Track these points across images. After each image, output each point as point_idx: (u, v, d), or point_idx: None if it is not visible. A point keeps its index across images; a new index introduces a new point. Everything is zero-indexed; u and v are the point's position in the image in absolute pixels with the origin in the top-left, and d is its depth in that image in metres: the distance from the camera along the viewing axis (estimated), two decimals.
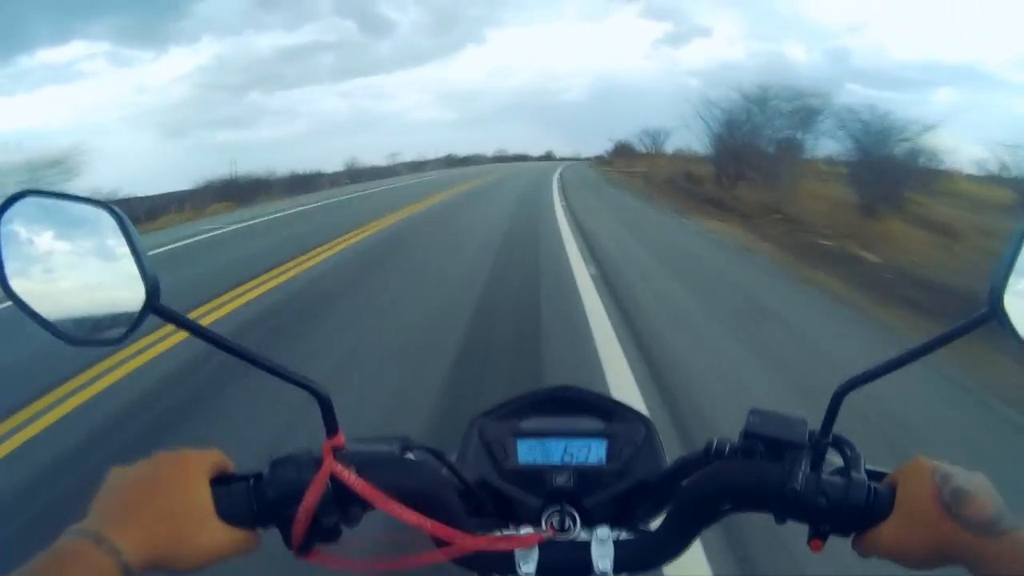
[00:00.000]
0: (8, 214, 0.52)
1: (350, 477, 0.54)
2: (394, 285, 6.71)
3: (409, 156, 51.66)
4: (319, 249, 8.98)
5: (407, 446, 0.61)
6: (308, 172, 31.01)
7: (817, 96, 17.19)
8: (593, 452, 0.64)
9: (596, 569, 0.58)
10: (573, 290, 5.93)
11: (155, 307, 0.51)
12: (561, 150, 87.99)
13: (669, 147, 54.54)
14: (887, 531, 0.51)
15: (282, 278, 7.11)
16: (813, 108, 17.18)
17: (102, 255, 0.54)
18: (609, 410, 0.67)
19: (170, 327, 0.53)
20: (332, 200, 19.31)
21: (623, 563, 0.59)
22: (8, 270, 0.51)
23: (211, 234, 12.18)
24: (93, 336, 0.54)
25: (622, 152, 65.93)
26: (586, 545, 0.59)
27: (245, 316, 5.62)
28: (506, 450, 0.65)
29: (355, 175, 34.37)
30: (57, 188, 0.54)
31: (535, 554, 0.58)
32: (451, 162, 62.21)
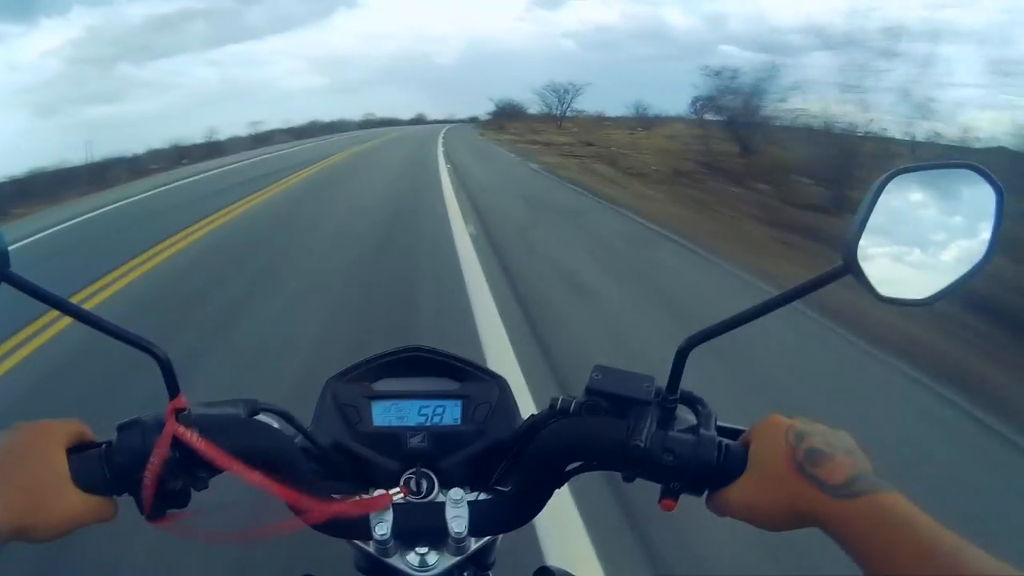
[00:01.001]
0: None
1: (193, 438, 0.53)
2: None
3: (273, 124, 43.66)
4: None
5: (256, 409, 0.58)
6: (115, 157, 22.61)
7: None
8: (448, 413, 0.63)
9: (451, 531, 0.57)
10: None
11: (5, 274, 0.50)
12: (434, 113, 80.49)
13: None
14: (739, 490, 0.50)
15: None
16: None
17: None
18: (463, 370, 0.66)
19: None
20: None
21: (478, 524, 0.58)
22: None
23: None
24: None
25: (511, 114, 54.87)
26: (441, 506, 0.58)
27: None
28: (360, 413, 0.63)
29: (183, 153, 25.47)
30: None
31: (390, 516, 0.57)
32: (298, 132, 47.61)
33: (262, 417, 0.58)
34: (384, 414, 0.63)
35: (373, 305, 4.45)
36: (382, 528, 0.57)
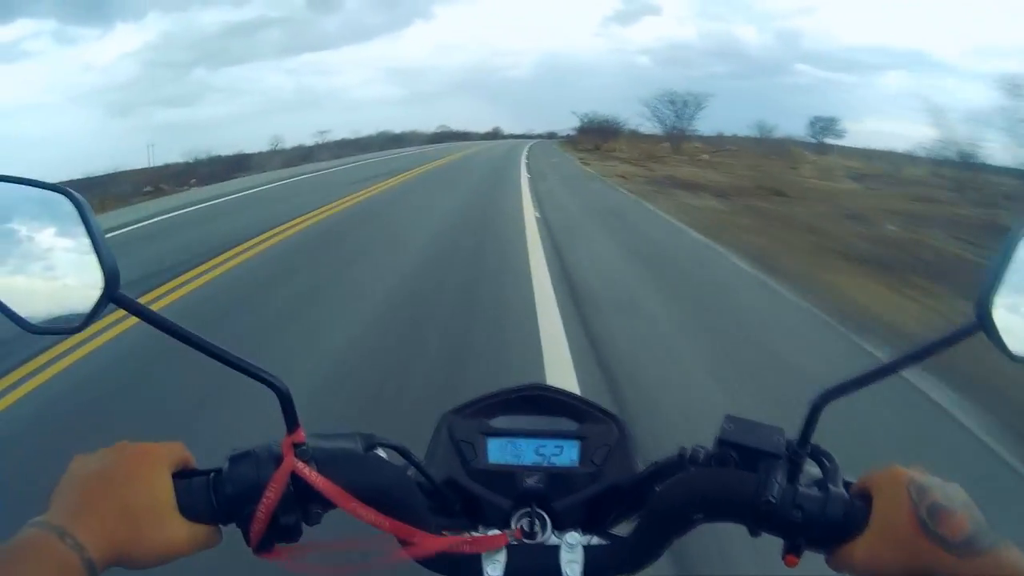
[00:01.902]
0: None
1: (311, 475, 0.52)
2: None
3: (341, 133, 42.46)
4: None
5: (372, 443, 0.58)
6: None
7: None
8: (565, 453, 0.61)
9: (564, 575, 0.55)
10: None
11: (113, 295, 0.49)
12: (510, 127, 77.29)
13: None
14: (862, 547, 0.49)
15: None
16: None
17: (60, 241, 0.52)
18: (582, 411, 0.65)
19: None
20: None
21: (593, 569, 0.56)
22: None
23: None
24: (51, 324, 0.52)
25: (604, 132, 44.64)
26: (555, 549, 0.57)
27: None
28: (475, 449, 0.62)
29: (192, 171, 21.80)
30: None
31: (502, 557, 0.56)
32: (355, 145, 41.81)
33: (379, 452, 0.58)
34: (499, 451, 0.61)
35: None
36: (495, 569, 0.55)
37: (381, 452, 0.58)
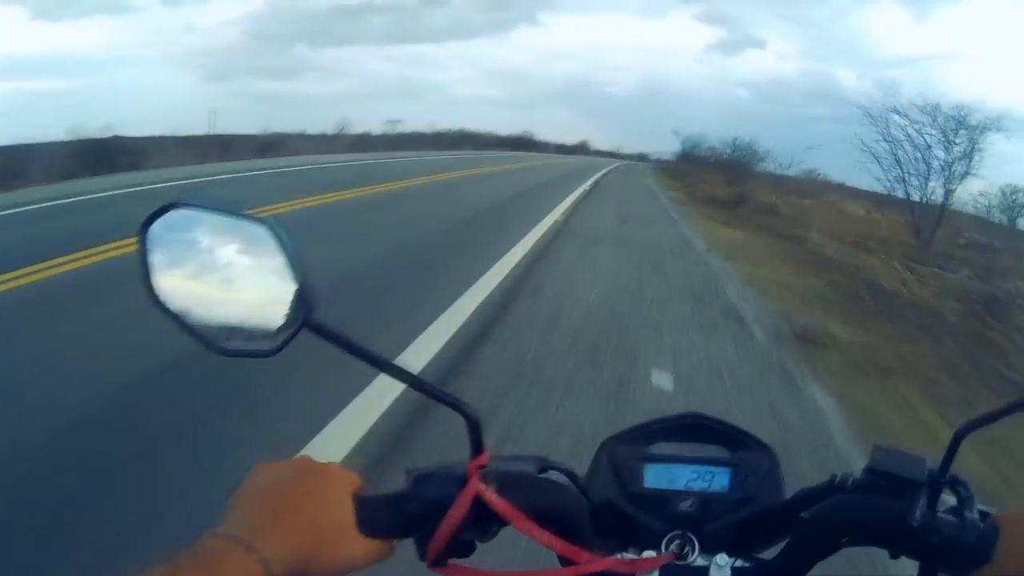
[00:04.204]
0: (155, 226, 0.53)
1: (493, 498, 0.56)
2: None
3: (417, 126, 40.73)
4: None
5: (545, 466, 0.63)
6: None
7: None
8: (717, 480, 0.65)
9: None
10: None
11: (309, 321, 0.52)
12: (599, 143, 71.78)
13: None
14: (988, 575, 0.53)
15: None
16: None
17: (254, 267, 0.53)
18: (736, 439, 0.68)
19: None
20: None
21: None
22: (156, 282, 0.53)
23: None
24: (245, 347, 0.55)
25: (725, 167, 27.53)
26: (704, 570, 0.61)
27: None
28: (633, 474, 0.66)
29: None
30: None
31: None
32: (402, 143, 32.68)
33: (550, 473, 0.62)
34: (656, 477, 0.65)
35: None
36: None
37: (552, 475, 0.61)
